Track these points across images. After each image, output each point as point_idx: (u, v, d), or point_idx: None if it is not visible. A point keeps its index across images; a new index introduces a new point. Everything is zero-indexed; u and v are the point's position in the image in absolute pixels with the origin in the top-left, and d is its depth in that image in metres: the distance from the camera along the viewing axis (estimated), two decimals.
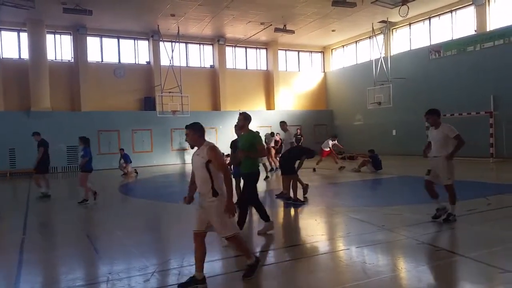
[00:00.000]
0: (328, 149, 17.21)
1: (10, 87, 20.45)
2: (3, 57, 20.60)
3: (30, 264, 5.55)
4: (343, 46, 28.28)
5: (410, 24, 23.33)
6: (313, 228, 7.18)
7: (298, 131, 21.99)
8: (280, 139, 17.37)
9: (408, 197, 10.22)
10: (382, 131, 24.35)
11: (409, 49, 23.41)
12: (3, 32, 20.68)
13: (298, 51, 28.69)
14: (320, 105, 29.22)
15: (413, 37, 23.42)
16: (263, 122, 26.17)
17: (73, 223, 8.39)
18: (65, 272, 5.22)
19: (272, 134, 19.31)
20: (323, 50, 29.36)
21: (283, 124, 13.99)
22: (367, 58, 25.28)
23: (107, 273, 4.94)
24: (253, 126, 26.17)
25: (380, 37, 23.51)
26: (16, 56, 21.17)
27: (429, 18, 22.18)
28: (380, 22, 22.68)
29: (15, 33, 21.10)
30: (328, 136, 18.89)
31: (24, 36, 20.88)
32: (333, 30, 24.62)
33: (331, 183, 13.02)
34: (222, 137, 24.81)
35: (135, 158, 22.66)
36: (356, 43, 27.17)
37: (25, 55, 20.89)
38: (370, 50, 24.92)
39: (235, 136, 8.39)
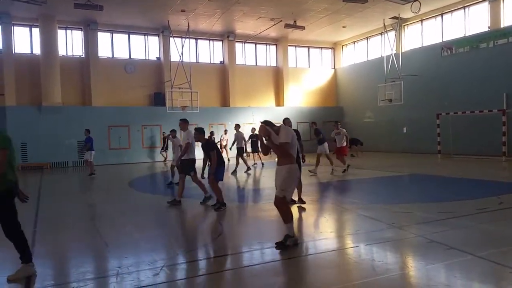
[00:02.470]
0: (345, 143, 14.96)
1: (22, 82, 20.69)
2: (16, 52, 20.83)
3: (41, 257, 5.61)
4: (354, 42, 28.07)
5: (422, 21, 23.06)
6: (322, 225, 7.16)
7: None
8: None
9: (418, 195, 10.13)
10: (392, 129, 24.17)
11: (421, 46, 23.15)
12: (15, 28, 20.89)
13: (308, 47, 28.55)
14: (330, 102, 29.08)
15: (425, 33, 23.15)
16: (272, 119, 26.03)
17: (83, 216, 8.48)
18: (75, 265, 5.27)
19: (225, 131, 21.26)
20: (334, 46, 29.18)
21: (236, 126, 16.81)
22: (378, 55, 25.08)
23: (117, 267, 4.98)
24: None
25: (392, 34, 23.30)
26: (28, 51, 21.39)
27: (442, 14, 21.90)
28: (391, 18, 22.47)
29: (27, 29, 21.33)
30: (335, 126, 15.31)
31: (36, 31, 21.09)
32: (344, 26, 24.46)
33: (340, 180, 12.96)
34: (231, 133, 24.85)
35: (144, 153, 22.86)
36: (367, 39, 26.95)
37: (37, 50, 21.11)
38: (381, 47, 24.71)
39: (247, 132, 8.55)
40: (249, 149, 18.38)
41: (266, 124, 5.58)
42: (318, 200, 9.21)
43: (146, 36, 24.00)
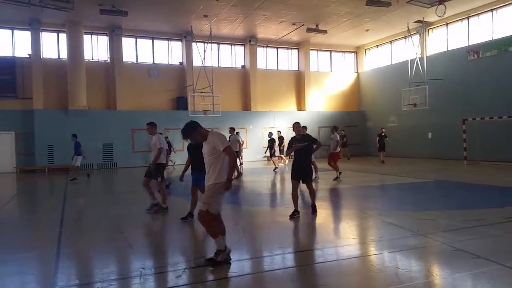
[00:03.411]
0: (339, 149, 14.53)
1: (49, 86, 21.27)
2: (43, 57, 21.45)
3: (67, 258, 5.74)
4: (377, 46, 27.76)
5: (447, 24, 22.60)
6: (344, 231, 7.08)
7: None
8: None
9: (443, 202, 9.88)
10: (417, 134, 23.72)
11: (446, 50, 22.68)
12: (43, 33, 21.53)
13: (331, 51, 28.39)
14: (352, 106, 28.79)
15: (450, 37, 22.67)
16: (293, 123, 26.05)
17: (107, 218, 8.61)
18: (100, 266, 5.37)
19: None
20: (357, 50, 28.93)
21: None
22: (402, 59, 24.70)
23: (140, 268, 5.04)
24: (283, 127, 26.42)
25: (416, 37, 22.93)
26: (55, 56, 22.01)
27: (468, 18, 21.41)
28: (415, 22, 22.12)
29: (55, 34, 21.96)
30: (333, 131, 14.83)
31: (63, 37, 21.69)
32: (367, 30, 24.22)
33: (362, 186, 12.79)
34: (252, 137, 24.93)
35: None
36: (390, 43, 26.60)
37: (64, 55, 21.69)
38: (405, 50, 24.34)
39: (265, 137, 8.54)
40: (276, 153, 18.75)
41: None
42: (340, 206, 9.09)
43: (169, 41, 24.36)
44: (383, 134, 21.69)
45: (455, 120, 20.67)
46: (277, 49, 26.95)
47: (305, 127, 9.87)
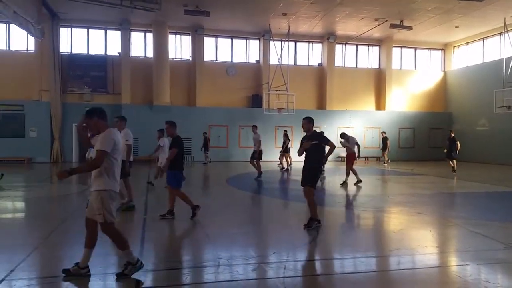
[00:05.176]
0: (353, 151, 12.92)
1: (136, 83, 22.75)
2: (132, 55, 22.98)
3: (150, 242, 6.10)
4: (467, 43, 25.71)
5: None
6: (426, 238, 6.63)
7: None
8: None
9: None
10: (511, 139, 21.58)
11: None
12: (132, 33, 23.07)
13: (415, 48, 26.87)
14: (437, 107, 26.99)
15: None
16: (371, 123, 25.14)
17: (185, 208, 8.91)
18: (179, 253, 5.59)
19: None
20: (444, 48, 27.06)
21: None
22: (496, 57, 22.63)
23: (218, 258, 5.19)
24: (360, 127, 25.65)
25: None
26: (142, 54, 23.48)
27: None
28: None
29: (142, 34, 23.43)
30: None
31: (149, 36, 23.06)
32: (456, 26, 22.53)
33: (445, 193, 11.92)
34: (328, 136, 24.40)
35: (240, 152, 23.58)
36: (483, 39, 24.47)
37: (150, 54, 23.06)
38: (500, 48, 22.24)
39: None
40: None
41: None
42: (421, 212, 8.54)
43: (247, 40, 24.78)
44: (452, 137, 17.89)
45: None
46: (356, 46, 26.13)
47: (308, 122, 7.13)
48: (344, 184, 12.41)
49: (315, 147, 6.75)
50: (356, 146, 12.83)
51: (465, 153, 20.63)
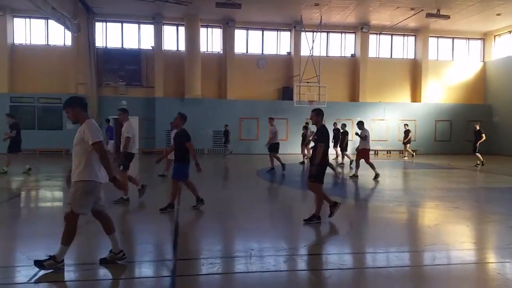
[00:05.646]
0: (366, 146, 12.59)
1: (168, 76, 23.09)
2: (164, 49, 23.30)
3: (182, 233, 6.20)
4: (510, 32, 24.49)
5: None
6: (463, 234, 6.40)
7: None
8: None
9: None
10: None
11: None
12: (165, 27, 23.37)
13: (453, 38, 25.87)
14: (476, 98, 25.94)
15: None
16: (407, 115, 24.46)
17: (218, 199, 8.98)
18: (212, 243, 5.65)
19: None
20: (484, 37, 25.90)
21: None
22: None
23: (250, 249, 5.23)
24: (394, 119, 24.99)
25: None
26: (174, 48, 23.76)
27: None
28: None
29: (174, 27, 23.68)
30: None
31: (181, 30, 23.29)
32: (498, 14, 21.49)
33: (484, 187, 11.48)
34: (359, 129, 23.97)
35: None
36: None
37: (182, 47, 23.30)
38: None
39: (373, 129, 7.91)
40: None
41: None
42: (459, 207, 8.25)
43: (278, 32, 24.58)
44: (478, 129, 16.78)
45: None
46: (391, 36, 25.43)
47: (316, 114, 6.72)
48: (354, 177, 12.35)
49: (317, 141, 6.55)
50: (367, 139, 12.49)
51: (506, 146, 19.77)
